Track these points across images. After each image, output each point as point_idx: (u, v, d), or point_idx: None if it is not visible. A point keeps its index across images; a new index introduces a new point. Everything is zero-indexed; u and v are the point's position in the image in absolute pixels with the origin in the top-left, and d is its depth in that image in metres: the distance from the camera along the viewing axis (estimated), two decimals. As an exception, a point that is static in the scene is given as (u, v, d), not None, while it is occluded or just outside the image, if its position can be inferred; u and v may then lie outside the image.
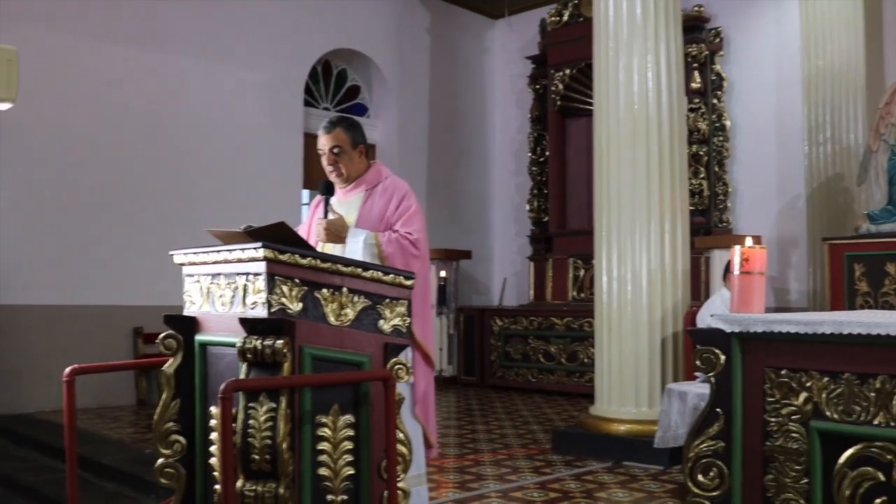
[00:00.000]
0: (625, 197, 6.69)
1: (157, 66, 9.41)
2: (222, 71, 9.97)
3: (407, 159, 11.83)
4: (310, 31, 10.87)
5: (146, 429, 7.43)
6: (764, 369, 3.00)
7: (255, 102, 10.30)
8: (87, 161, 8.87)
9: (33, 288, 8.48)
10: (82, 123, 8.86)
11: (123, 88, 9.15)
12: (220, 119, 9.91)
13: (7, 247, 8.30)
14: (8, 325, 8.29)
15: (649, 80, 6.71)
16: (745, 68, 10.49)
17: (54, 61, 8.64)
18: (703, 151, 10.45)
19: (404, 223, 4.18)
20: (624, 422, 6.58)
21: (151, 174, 9.31)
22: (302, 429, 2.96)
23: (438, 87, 12.47)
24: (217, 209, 9.46)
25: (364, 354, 3.15)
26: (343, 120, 4.30)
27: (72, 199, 8.76)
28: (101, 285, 8.89)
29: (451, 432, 7.70)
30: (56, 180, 8.67)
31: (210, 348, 3.33)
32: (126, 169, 9.13)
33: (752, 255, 3.30)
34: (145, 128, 9.31)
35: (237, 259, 3.08)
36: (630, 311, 6.65)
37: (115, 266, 8.95)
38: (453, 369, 11.68)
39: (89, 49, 8.92)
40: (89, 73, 8.92)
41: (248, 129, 10.18)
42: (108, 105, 9.03)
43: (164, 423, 3.38)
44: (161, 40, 9.46)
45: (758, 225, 10.16)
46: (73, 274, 8.72)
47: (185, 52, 9.64)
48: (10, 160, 8.34)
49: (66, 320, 8.62)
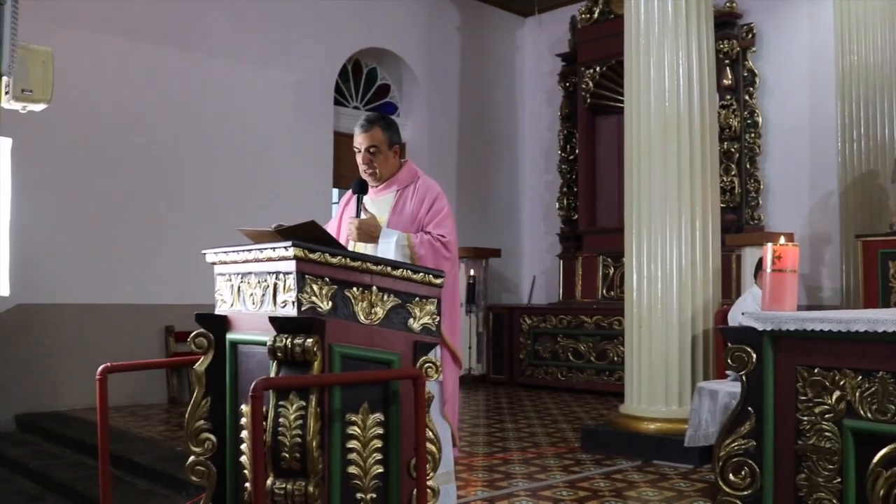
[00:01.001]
0: (655, 194, 6.66)
1: (187, 65, 9.48)
2: (253, 70, 10.02)
3: (437, 158, 11.85)
4: (340, 30, 10.90)
5: (177, 427, 7.48)
6: (796, 367, 2.98)
7: (286, 101, 10.35)
8: (118, 160, 8.95)
9: (66, 287, 8.58)
10: (114, 123, 8.94)
11: (155, 88, 9.22)
12: (250, 118, 9.97)
13: (40, 246, 8.39)
14: (41, 324, 8.39)
15: (680, 76, 6.67)
16: (777, 64, 10.40)
17: (87, 62, 8.71)
18: (734, 148, 10.38)
19: (437, 225, 4.17)
20: (654, 420, 6.56)
21: (183, 173, 9.39)
22: (332, 427, 2.97)
23: (468, 85, 12.47)
24: (248, 208, 9.52)
25: (394, 353, 3.15)
26: (381, 119, 4.29)
27: (104, 198, 8.84)
28: (133, 284, 8.97)
29: (481, 430, 7.70)
30: (88, 180, 8.75)
31: (241, 347, 3.34)
32: (157, 168, 9.21)
33: (784, 252, 3.27)
34: (176, 127, 9.38)
35: (267, 258, 3.09)
36: (660, 309, 6.62)
37: (146, 265, 9.03)
38: (482, 368, 11.68)
39: (122, 49, 9.00)
40: (122, 73, 9.00)
41: (279, 128, 10.24)
42: (139, 105, 9.11)
43: (195, 421, 3.40)
44: (191, 40, 9.53)
45: (790, 222, 10.08)
46: (105, 273, 8.81)
47: (215, 52, 9.70)
48: (43, 160, 8.43)
49: (98, 319, 8.71)
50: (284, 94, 10.35)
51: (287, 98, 10.37)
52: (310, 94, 10.60)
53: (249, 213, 9.02)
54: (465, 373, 11.13)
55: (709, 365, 6.67)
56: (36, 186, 8.39)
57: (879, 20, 9.19)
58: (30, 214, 8.33)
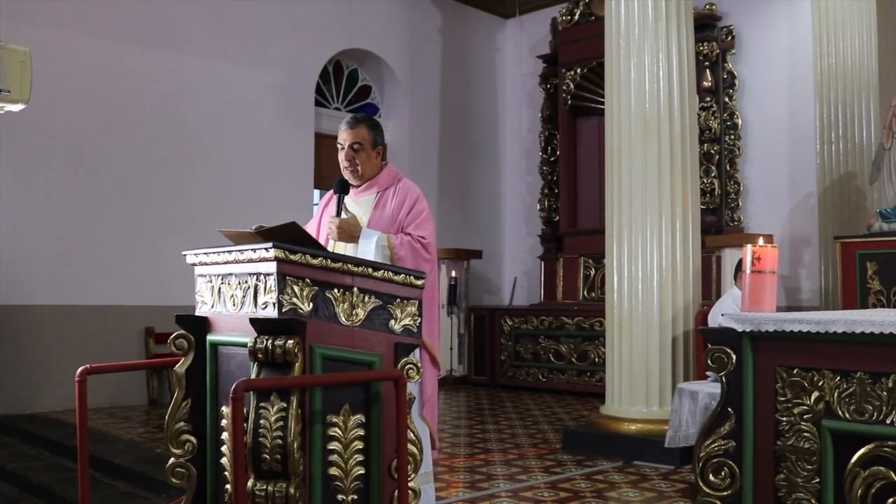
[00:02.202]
0: (636, 196, 6.68)
1: (167, 66, 9.44)
2: (233, 71, 9.99)
3: (418, 159, 11.85)
4: (321, 31, 10.88)
5: (157, 428, 7.45)
6: (775, 368, 3.00)
7: (266, 102, 10.32)
8: (97, 161, 8.91)
9: (45, 288, 8.52)
10: (93, 124, 8.89)
11: (134, 89, 9.18)
12: (231, 119, 9.93)
13: (18, 247, 8.34)
14: (20, 325, 8.33)
15: (661, 78, 6.70)
16: (756, 67, 10.46)
17: (65, 62, 8.67)
18: (714, 150, 10.43)
19: (417, 227, 4.20)
20: (635, 421, 6.58)
21: (162, 174, 9.35)
22: (312, 428, 2.96)
23: (450, 86, 12.48)
24: (228, 209, 9.49)
25: (375, 354, 3.15)
26: (367, 119, 4.38)
27: (83, 198, 8.79)
28: (113, 285, 8.93)
29: (462, 432, 7.70)
30: (66, 181, 8.70)
31: (221, 348, 3.33)
32: (137, 169, 9.17)
33: (763, 253, 3.29)
34: (156, 128, 9.34)
35: (248, 259, 3.08)
36: (641, 310, 6.64)
37: (126, 266, 8.99)
38: (463, 369, 11.67)
39: (99, 49, 8.95)
40: (99, 73, 8.95)
41: (260, 128, 10.21)
42: (118, 105, 9.06)
43: (175, 422, 3.38)
44: (171, 40, 9.49)
45: (769, 223, 10.13)
46: (85, 274, 8.76)
47: (195, 52, 9.67)
48: (22, 160, 8.38)
49: (77, 320, 8.65)
50: (265, 95, 10.32)
51: (268, 99, 10.34)
52: (291, 94, 10.57)
53: (230, 214, 8.99)
54: (446, 374, 11.13)
55: (689, 366, 6.69)
56: (13, 187, 8.35)
57: (857, 23, 9.26)
58: (7, 216, 8.29)
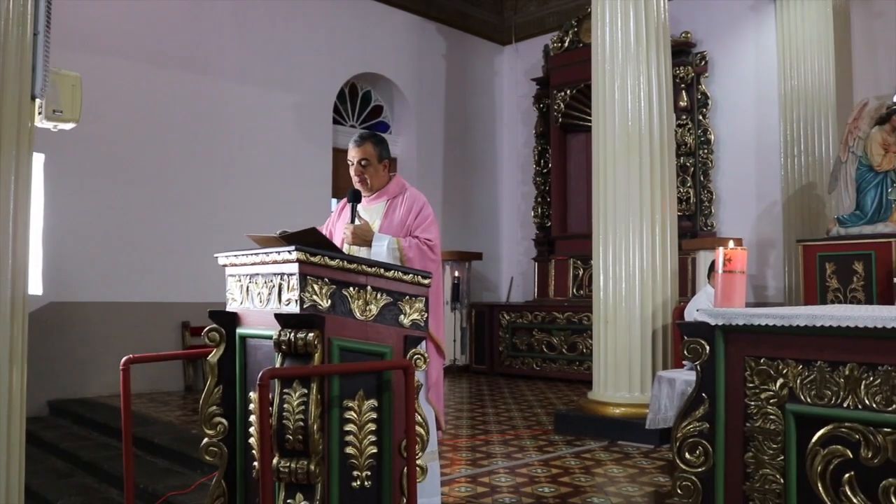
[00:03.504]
0: (620, 203, 6.67)
1: (201, 88, 9.44)
2: (259, 93, 9.99)
3: (425, 171, 11.84)
4: (338, 56, 10.88)
5: (192, 412, 7.45)
6: (745, 358, 2.99)
7: (289, 120, 10.32)
8: (138, 174, 8.91)
9: (93, 286, 8.53)
10: (135, 140, 8.90)
11: (172, 108, 9.18)
12: (257, 136, 9.93)
13: (70, 249, 8.35)
14: (71, 320, 8.34)
15: (641, 99, 6.69)
16: (727, 88, 10.44)
17: (110, 85, 8.67)
18: (689, 163, 10.41)
19: (423, 230, 4.22)
20: (619, 405, 6.57)
21: (197, 185, 9.35)
22: (331, 412, 2.96)
23: (453, 106, 12.47)
24: (255, 216, 9.48)
25: (386, 346, 3.15)
26: (372, 136, 4.35)
27: (127, 206, 8.79)
28: (153, 284, 8.93)
29: (464, 415, 7.69)
30: (111, 191, 8.71)
31: (249, 340, 3.33)
32: (174, 180, 9.17)
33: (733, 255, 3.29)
34: (192, 144, 9.33)
35: (273, 261, 3.08)
36: (624, 306, 6.63)
37: (165, 267, 8.99)
38: (466, 359, 11.66)
39: (140, 74, 8.95)
40: (141, 95, 8.95)
41: (283, 144, 10.21)
42: (157, 123, 9.06)
43: (208, 406, 3.39)
44: (205, 65, 9.49)
45: (739, 228, 10.11)
46: (128, 274, 8.76)
47: (226, 76, 9.66)
48: (73, 172, 8.39)
49: (122, 315, 8.66)
50: (288, 114, 10.32)
51: (290, 117, 10.34)
52: (311, 113, 10.57)
53: (257, 221, 8.98)
54: (450, 363, 11.12)
55: (667, 356, 6.68)
56: (65, 196, 8.36)
57: (817, 49, 9.24)
58: (60, 221, 8.30)
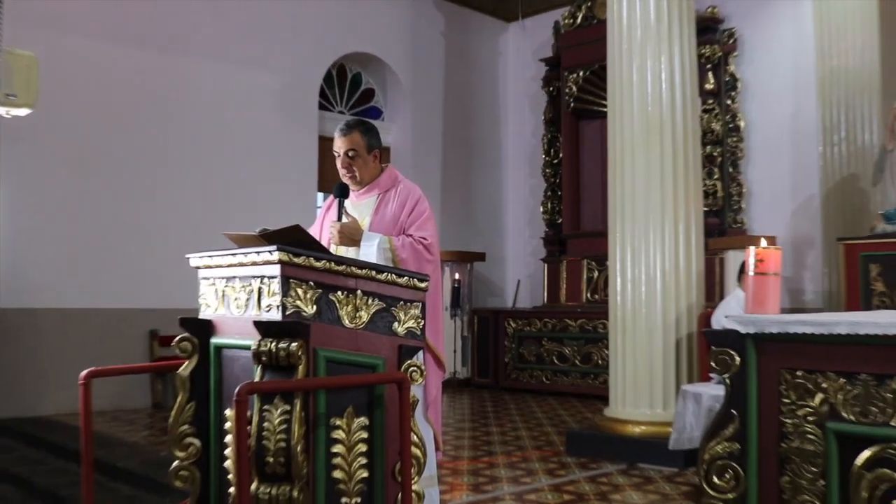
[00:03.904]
0: (639, 198, 6.67)
1: (170, 69, 9.44)
2: (237, 74, 9.99)
3: (421, 162, 11.84)
4: (324, 34, 10.88)
5: (161, 432, 7.44)
6: (779, 370, 2.98)
7: (270, 106, 10.32)
8: (101, 164, 8.91)
9: (49, 291, 8.52)
10: (97, 127, 8.89)
11: (137, 92, 9.18)
12: (234, 122, 9.93)
13: (22, 250, 8.34)
14: (24, 328, 8.33)
15: (663, 81, 6.69)
16: (759, 69, 10.44)
17: (70, 66, 8.67)
18: (717, 152, 10.42)
19: (418, 227, 4.19)
20: (638, 423, 6.56)
21: (166, 177, 9.34)
22: (316, 431, 2.95)
23: (452, 90, 12.47)
24: (232, 212, 9.49)
25: (378, 357, 3.14)
26: (360, 123, 4.31)
27: (87, 201, 8.79)
28: (117, 288, 8.92)
29: (466, 434, 7.69)
30: (71, 183, 8.70)
31: (225, 351, 3.32)
32: (140, 171, 9.17)
33: (766, 255, 3.27)
34: (159, 131, 9.33)
35: (252, 262, 3.07)
36: (644, 312, 6.62)
37: (130, 269, 8.98)
38: (467, 371, 11.67)
39: (105, 52, 8.95)
40: (102, 76, 8.95)
41: (263, 132, 10.21)
42: (121, 108, 9.06)
43: (179, 425, 3.37)
44: (175, 43, 9.49)
45: (772, 225, 10.11)
46: (89, 277, 8.75)
47: (198, 55, 9.66)
48: (25, 163, 8.38)
49: (81, 323, 8.65)
50: (268, 99, 10.32)
51: (271, 102, 10.34)
52: (294, 98, 10.57)
53: (233, 217, 8.98)
54: (449, 376, 11.11)
55: (693, 368, 6.68)
56: (17, 190, 8.35)
57: (859, 24, 9.23)
58: (11, 218, 8.29)
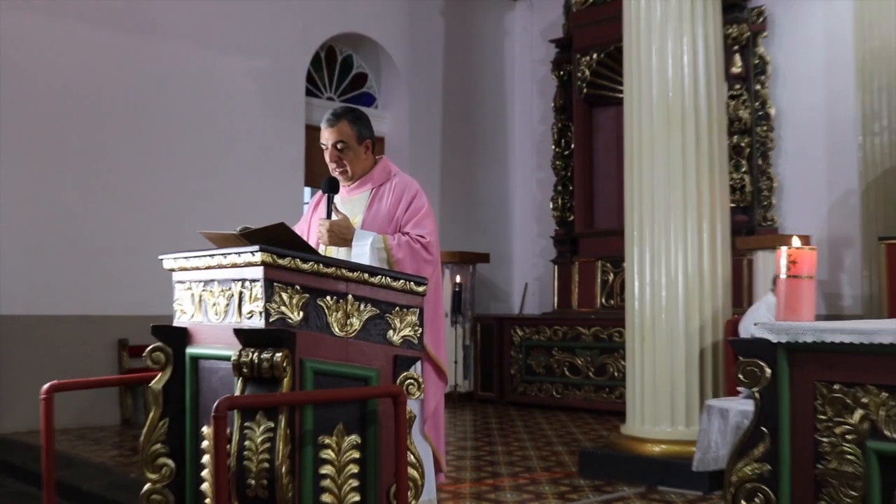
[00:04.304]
0: (658, 193, 6.66)
1: (142, 52, 9.44)
2: (215, 57, 9.99)
3: (419, 153, 11.85)
4: (312, 13, 10.88)
5: (131, 451, 7.45)
6: (814, 383, 2.98)
7: (252, 92, 10.32)
8: (65, 156, 8.90)
9: (7, 296, 8.51)
10: (60, 115, 8.89)
11: (108, 77, 9.18)
12: (212, 111, 9.93)
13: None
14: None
15: (685, 64, 6.69)
16: (791, 51, 10.43)
17: (27, 47, 8.67)
18: (744, 142, 10.42)
19: (415, 225, 4.18)
20: (659, 442, 6.56)
21: (138, 170, 9.34)
22: (303, 451, 2.96)
23: (453, 74, 12.47)
24: (210, 209, 9.48)
25: (371, 368, 3.14)
26: (348, 112, 4.31)
27: (49, 197, 8.79)
28: (82, 293, 8.91)
29: (468, 454, 7.69)
30: (30, 177, 8.70)
31: (202, 362, 3.33)
32: (110, 165, 9.16)
33: (799, 256, 3.27)
34: (131, 119, 9.33)
35: (232, 264, 3.08)
36: (665, 319, 6.62)
37: (97, 271, 8.97)
38: (469, 384, 11.67)
39: (72, 34, 8.95)
40: (71, 60, 8.95)
41: (244, 121, 10.21)
42: (89, 95, 9.06)
43: (151, 444, 3.38)
44: (147, 24, 9.49)
45: (806, 223, 10.10)
46: (50, 280, 8.75)
47: (173, 37, 9.66)
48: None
49: (43, 332, 8.65)
50: (250, 84, 10.32)
51: (253, 88, 10.34)
52: (279, 83, 10.57)
53: (212, 215, 8.98)
54: (450, 390, 11.11)
55: (718, 381, 6.67)
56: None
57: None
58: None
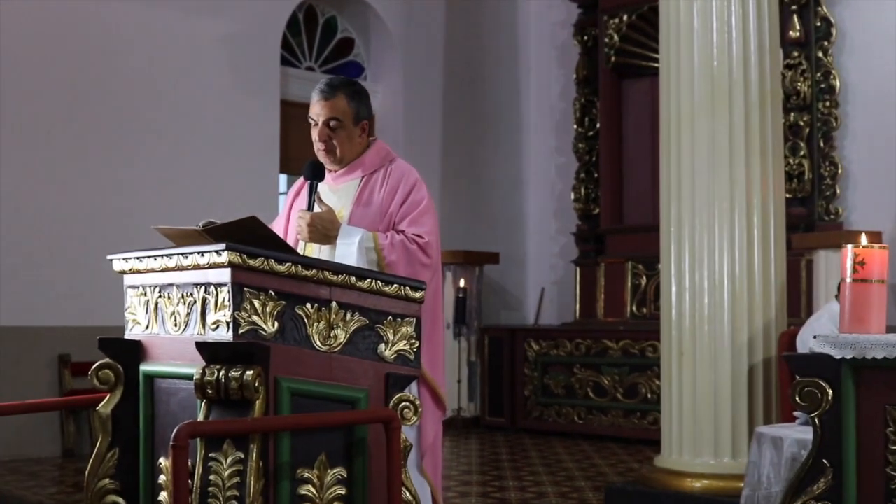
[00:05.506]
0: (700, 182, 6.67)
1: (92, 13, 9.44)
2: (177, 20, 9.99)
3: (415, 135, 11.85)
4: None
5: (74, 487, 7.47)
6: (885, 407, 2.99)
7: (218, 60, 10.33)
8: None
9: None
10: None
11: (51, 42, 9.18)
12: (170, 83, 9.94)
13: None
14: None
15: (732, 27, 6.69)
16: (860, 12, 10.41)
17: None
18: (803, 121, 10.42)
19: (413, 221, 4.15)
20: (700, 477, 6.57)
21: (84, 154, 9.34)
22: (278, 486, 2.96)
23: (457, 41, 12.47)
24: (168, 200, 9.50)
25: (359, 389, 3.15)
26: (346, 85, 4.26)
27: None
28: (15, 300, 8.90)
29: (474, 490, 7.71)
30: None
31: (159, 382, 3.34)
32: (48, 148, 9.16)
33: (868, 257, 3.28)
34: (77, 93, 9.33)
35: (194, 265, 3.08)
36: (707, 331, 6.62)
37: (35, 277, 8.97)
38: (475, 408, 11.69)
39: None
40: (5, 23, 8.95)
41: (209, 95, 10.21)
42: (26, 63, 9.05)
43: (97, 480, 3.38)
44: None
45: (876, 217, 10.09)
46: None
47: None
48: None
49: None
50: (217, 51, 10.32)
51: (220, 56, 10.34)
52: (249, 50, 10.58)
53: (170, 206, 9.00)
54: (452, 415, 11.13)
55: (770, 404, 6.68)
56: None
57: None
58: None
